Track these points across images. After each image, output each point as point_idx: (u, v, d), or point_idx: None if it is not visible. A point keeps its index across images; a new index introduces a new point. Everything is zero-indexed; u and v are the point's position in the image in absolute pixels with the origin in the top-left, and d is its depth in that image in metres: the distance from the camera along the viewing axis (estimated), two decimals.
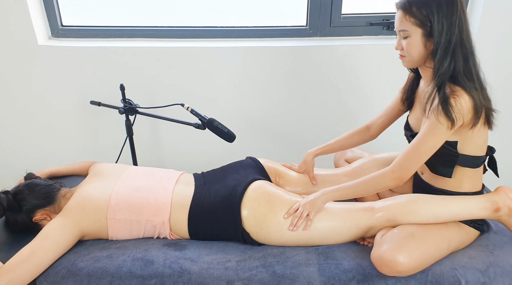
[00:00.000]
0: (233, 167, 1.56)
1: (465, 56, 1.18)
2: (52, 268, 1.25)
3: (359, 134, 1.58)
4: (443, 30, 1.15)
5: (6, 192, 1.40)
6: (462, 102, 1.15)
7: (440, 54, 1.17)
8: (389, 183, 1.26)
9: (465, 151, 1.26)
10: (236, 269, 1.25)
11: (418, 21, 1.17)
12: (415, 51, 1.22)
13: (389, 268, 1.15)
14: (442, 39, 1.16)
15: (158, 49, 2.00)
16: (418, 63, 1.27)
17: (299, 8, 2.05)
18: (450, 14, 1.14)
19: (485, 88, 1.21)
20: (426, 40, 1.19)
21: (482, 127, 1.23)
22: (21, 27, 1.93)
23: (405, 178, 1.24)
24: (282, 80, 2.08)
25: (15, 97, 2.09)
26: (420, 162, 1.23)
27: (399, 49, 1.27)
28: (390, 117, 1.53)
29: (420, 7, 1.16)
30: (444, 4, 1.14)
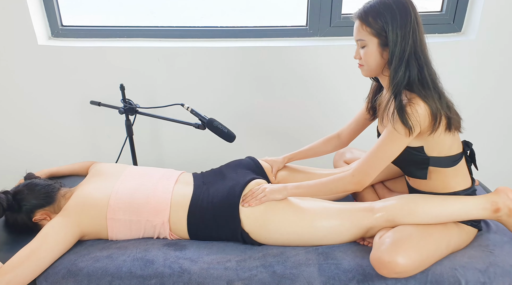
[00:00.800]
0: (231, 166, 1.56)
1: (419, 66, 1.20)
2: (52, 268, 1.25)
3: (331, 142, 1.61)
4: (397, 40, 1.18)
5: (6, 192, 1.40)
6: (418, 109, 1.17)
7: (395, 63, 1.20)
8: (349, 186, 1.29)
9: (434, 153, 1.27)
10: (236, 269, 1.25)
11: (374, 31, 1.20)
12: (372, 60, 1.25)
13: (388, 269, 1.15)
14: (396, 49, 1.19)
15: (158, 49, 2.00)
16: (376, 72, 1.29)
17: (299, 8, 2.05)
18: (404, 24, 1.17)
19: (444, 96, 1.23)
20: (382, 50, 1.22)
21: (444, 133, 1.23)
22: (21, 27, 1.93)
23: (364, 183, 1.26)
24: (282, 80, 2.08)
25: (15, 97, 2.09)
26: (379, 168, 1.25)
27: (357, 59, 1.31)
28: (358, 125, 1.55)
29: (376, 17, 1.19)
30: (397, 15, 1.17)
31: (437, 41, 2.02)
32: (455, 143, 1.29)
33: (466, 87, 2.10)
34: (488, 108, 2.16)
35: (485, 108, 2.16)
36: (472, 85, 2.11)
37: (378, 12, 1.19)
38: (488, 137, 2.22)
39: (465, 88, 2.10)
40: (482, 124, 2.19)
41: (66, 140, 2.21)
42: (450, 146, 1.27)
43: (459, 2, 2.01)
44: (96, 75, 2.05)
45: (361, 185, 1.27)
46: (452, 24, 2.07)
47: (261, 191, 1.36)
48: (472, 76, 2.09)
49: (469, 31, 2.05)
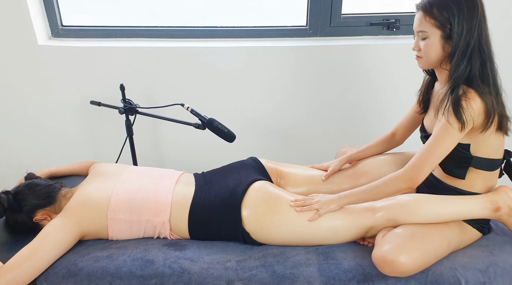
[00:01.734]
0: (233, 167, 1.56)
1: (482, 61, 1.18)
2: (52, 268, 1.25)
3: (387, 142, 1.58)
4: (463, 33, 1.15)
5: (7, 192, 1.40)
6: (473, 104, 1.15)
7: (458, 57, 1.17)
8: (403, 184, 1.24)
9: (479, 154, 1.25)
10: (236, 269, 1.25)
11: (438, 23, 1.17)
12: (432, 52, 1.22)
13: (390, 268, 1.15)
14: (460, 42, 1.16)
15: (158, 49, 2.00)
16: (434, 65, 1.27)
17: (299, 8, 2.05)
18: (471, 17, 1.15)
19: (501, 94, 1.21)
20: (444, 42, 1.19)
21: (494, 132, 1.22)
22: (21, 27, 1.93)
23: (418, 180, 1.22)
24: (282, 80, 2.07)
25: (15, 97, 2.09)
26: (433, 164, 1.21)
27: (416, 50, 1.27)
28: (411, 121, 1.52)
29: (441, 9, 1.16)
30: (465, 7, 1.14)
31: None
32: (500, 147, 1.27)
33: None
34: None
35: None
36: None
37: (445, 3, 1.15)
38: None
39: None
40: None
41: (66, 140, 2.21)
42: (496, 149, 1.26)
43: None
44: (96, 75, 2.05)
45: (414, 182, 1.22)
46: None
47: (315, 202, 1.33)
48: None
49: None
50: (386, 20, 2.03)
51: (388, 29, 2.04)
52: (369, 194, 1.30)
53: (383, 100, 2.10)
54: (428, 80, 1.42)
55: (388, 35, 2.05)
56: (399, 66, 2.01)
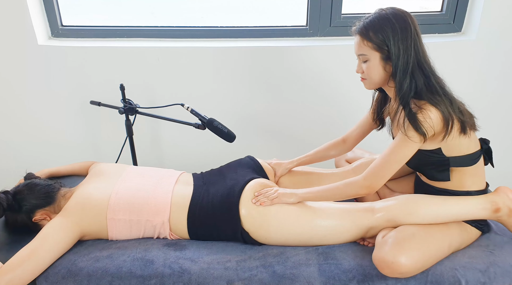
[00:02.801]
0: (231, 166, 1.56)
1: (425, 76, 1.22)
2: (52, 268, 1.25)
3: (336, 147, 1.60)
4: (400, 53, 1.19)
5: (6, 192, 1.40)
6: (430, 114, 1.18)
7: (399, 76, 1.21)
8: (360, 190, 1.28)
9: (453, 154, 1.26)
10: (236, 269, 1.25)
11: (376, 46, 1.21)
12: (375, 74, 1.26)
13: (391, 269, 1.15)
14: (399, 62, 1.20)
15: (158, 49, 2.00)
16: (380, 85, 1.31)
17: (299, 8, 2.05)
18: (405, 37, 1.19)
19: (455, 100, 1.23)
20: (385, 63, 1.24)
21: (459, 136, 1.23)
22: (21, 27, 1.93)
23: (376, 186, 1.26)
24: (282, 80, 2.07)
25: (15, 97, 2.09)
26: (391, 171, 1.25)
27: (359, 73, 1.31)
28: (364, 130, 1.55)
29: (376, 32, 1.20)
30: (398, 28, 1.19)
31: (437, 41, 2.02)
32: (472, 142, 1.28)
33: (466, 87, 2.10)
34: (489, 108, 2.16)
35: (486, 109, 2.16)
36: (472, 85, 2.11)
37: (379, 26, 1.20)
38: (488, 137, 2.21)
39: (465, 88, 2.09)
40: (483, 125, 2.19)
41: (66, 140, 2.21)
42: (468, 145, 1.27)
43: (459, 2, 2.01)
44: (96, 75, 2.05)
45: (372, 188, 1.26)
46: (452, 24, 2.07)
47: (273, 192, 1.36)
48: (472, 76, 2.09)
49: (469, 31, 2.05)
50: None
51: None
52: (327, 195, 1.33)
53: None
54: (379, 97, 1.45)
55: None
56: None
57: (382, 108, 1.44)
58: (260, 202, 1.33)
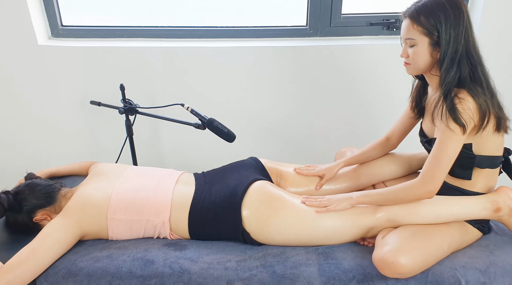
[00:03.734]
0: (234, 166, 1.55)
1: (472, 66, 1.19)
2: (52, 268, 1.25)
3: (382, 146, 1.57)
4: (450, 40, 1.16)
5: (7, 192, 1.40)
6: (468, 104, 1.15)
7: (447, 63, 1.18)
8: (421, 196, 1.24)
9: (482, 152, 1.25)
10: (236, 269, 1.25)
11: (426, 30, 1.18)
12: (421, 59, 1.23)
13: (391, 269, 1.15)
14: (449, 49, 1.17)
15: (158, 49, 2.00)
16: (423, 71, 1.28)
17: (299, 8, 2.05)
18: (457, 24, 1.16)
19: (496, 96, 1.22)
20: (432, 49, 1.20)
21: (492, 132, 1.22)
22: (21, 27, 1.93)
23: (435, 189, 1.22)
24: (282, 80, 2.08)
25: (15, 97, 2.09)
26: (445, 170, 1.21)
27: (404, 57, 1.28)
28: (405, 126, 1.52)
29: (428, 16, 1.17)
30: (451, 14, 1.16)
31: None
32: (501, 144, 1.27)
33: None
34: None
35: None
36: None
37: (431, 11, 1.17)
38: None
39: None
40: None
41: (66, 140, 2.21)
42: (497, 146, 1.26)
43: None
44: (96, 75, 2.05)
45: (433, 192, 1.22)
46: None
47: (326, 198, 1.34)
48: None
49: None
50: (386, 20, 2.03)
51: (388, 29, 2.04)
52: (384, 199, 1.29)
53: (383, 100, 2.10)
54: (419, 85, 1.42)
55: (388, 35, 2.05)
56: (399, 66, 2.00)
57: (422, 97, 1.40)
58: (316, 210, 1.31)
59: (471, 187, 1.31)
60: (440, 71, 1.20)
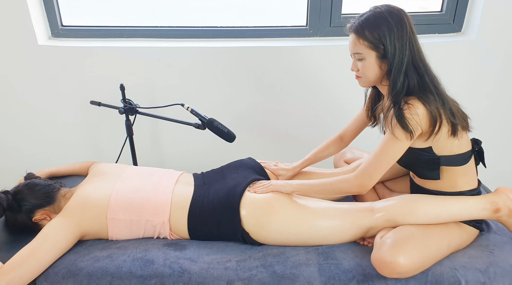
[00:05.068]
0: (232, 166, 1.56)
1: (419, 75, 1.21)
2: (52, 268, 1.25)
3: (334, 145, 1.61)
4: (396, 51, 1.19)
5: (6, 192, 1.40)
6: (417, 111, 1.17)
7: (394, 74, 1.21)
8: (352, 189, 1.30)
9: (443, 152, 1.26)
10: (236, 269, 1.25)
11: (371, 45, 1.21)
12: (370, 72, 1.26)
13: (389, 269, 1.15)
14: (395, 60, 1.19)
15: (158, 49, 2.00)
16: (375, 83, 1.31)
17: (299, 8, 2.05)
18: (401, 35, 1.18)
19: (447, 101, 1.22)
20: (380, 62, 1.23)
21: (447, 138, 1.23)
22: (21, 27, 1.93)
23: (368, 186, 1.27)
24: (282, 80, 2.08)
25: (15, 97, 2.09)
26: (382, 170, 1.25)
27: (354, 71, 1.31)
28: (359, 126, 1.56)
29: (372, 30, 1.19)
30: (394, 26, 1.18)
31: (437, 41, 2.02)
32: (464, 142, 1.28)
33: (466, 87, 2.11)
34: (488, 108, 2.16)
35: (485, 109, 2.16)
36: (472, 85, 2.11)
37: (375, 25, 1.19)
38: (488, 137, 2.21)
39: (465, 88, 2.10)
40: (482, 125, 2.19)
41: (66, 140, 2.21)
42: (460, 145, 1.27)
43: (459, 2, 2.01)
44: (96, 75, 2.05)
45: (364, 187, 1.27)
46: (452, 24, 2.07)
47: (268, 183, 1.39)
48: (472, 76, 2.09)
49: (469, 31, 2.05)
50: None
51: None
52: (320, 189, 1.36)
53: None
54: (372, 94, 1.45)
55: None
56: None
57: (375, 105, 1.43)
58: (254, 189, 1.36)
59: (453, 188, 1.31)
60: (389, 82, 1.23)
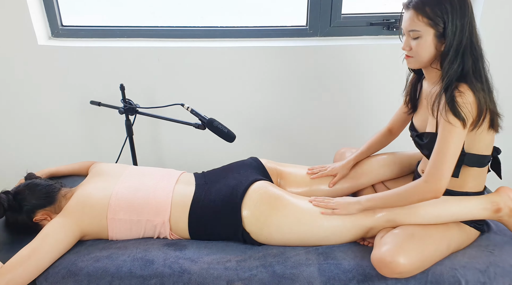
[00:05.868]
0: (234, 166, 1.55)
1: (475, 58, 1.17)
2: (52, 268, 1.25)
3: (386, 138, 1.58)
4: (456, 31, 1.14)
5: (7, 192, 1.40)
6: (468, 98, 1.13)
7: (451, 55, 1.16)
8: (426, 195, 1.20)
9: (472, 150, 1.24)
10: (236, 269, 1.25)
11: (432, 22, 1.15)
12: (425, 52, 1.20)
13: (389, 269, 1.15)
14: (454, 41, 1.15)
15: (158, 49, 2.00)
16: (426, 64, 1.25)
17: (299, 8, 2.05)
18: (463, 15, 1.14)
19: (492, 92, 1.20)
20: (437, 41, 1.18)
21: (487, 130, 1.21)
22: (21, 27, 1.93)
23: (441, 188, 1.17)
24: (282, 80, 2.07)
25: (15, 97, 2.09)
26: (451, 166, 1.17)
27: (406, 50, 1.24)
28: (402, 119, 1.53)
29: (434, 7, 1.14)
30: (457, 5, 1.13)
31: None
32: (491, 143, 1.26)
33: None
34: None
35: None
36: None
37: (437, 1, 1.14)
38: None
39: None
40: None
41: (66, 140, 2.21)
42: (488, 145, 1.25)
43: None
44: (96, 75, 2.05)
45: (439, 191, 1.18)
46: None
47: (334, 201, 1.33)
48: None
49: None
50: (386, 20, 2.03)
51: (388, 29, 2.04)
52: (390, 201, 1.26)
53: (383, 100, 2.10)
54: (414, 79, 1.40)
55: (388, 35, 2.05)
56: (399, 66, 2.00)
57: (417, 91, 1.38)
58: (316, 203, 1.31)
59: (461, 188, 1.30)
60: (443, 64, 1.17)
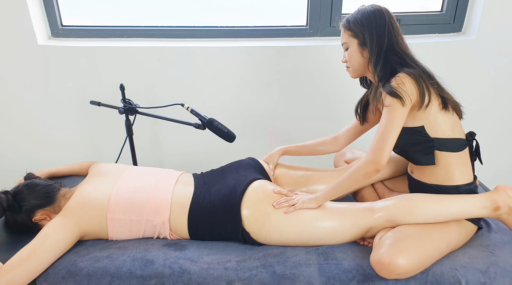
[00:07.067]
0: (233, 166, 1.56)
1: (399, 57, 1.32)
2: (52, 268, 1.25)
3: (327, 144, 1.65)
4: (373, 38, 1.32)
5: (6, 192, 1.40)
6: (402, 80, 1.24)
7: (375, 58, 1.33)
8: (369, 168, 1.27)
9: (437, 134, 1.30)
10: (236, 269, 1.25)
11: (353, 33, 1.36)
12: (354, 59, 1.39)
13: (388, 270, 1.15)
14: (373, 46, 1.33)
15: (158, 49, 2.00)
16: (361, 72, 1.42)
17: (299, 8, 2.05)
18: (378, 26, 1.32)
19: (434, 79, 1.31)
20: (361, 49, 1.36)
21: (440, 111, 1.29)
22: (21, 27, 1.93)
23: (382, 160, 1.25)
24: (282, 80, 2.08)
25: (15, 97, 2.09)
26: (391, 142, 1.26)
27: (344, 62, 1.44)
28: (355, 132, 1.61)
29: (355, 22, 1.36)
30: (373, 19, 1.33)
31: (437, 41, 2.02)
32: (456, 126, 1.33)
33: (465, 87, 2.10)
34: (488, 107, 2.16)
35: (485, 108, 2.16)
36: (472, 85, 2.11)
37: (357, 18, 1.36)
38: (487, 136, 2.22)
39: (464, 88, 2.10)
40: (482, 124, 2.19)
41: (66, 140, 2.21)
42: (452, 127, 1.31)
43: (459, 2, 2.01)
44: (96, 75, 2.05)
45: (379, 162, 1.26)
46: (452, 24, 2.07)
47: (296, 199, 1.36)
48: (472, 76, 2.09)
49: (469, 31, 2.05)
50: None
51: None
52: (341, 188, 1.35)
53: None
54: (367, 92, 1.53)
55: None
56: None
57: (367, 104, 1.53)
58: (284, 210, 1.33)
59: (450, 181, 1.32)
60: (374, 66, 1.34)
